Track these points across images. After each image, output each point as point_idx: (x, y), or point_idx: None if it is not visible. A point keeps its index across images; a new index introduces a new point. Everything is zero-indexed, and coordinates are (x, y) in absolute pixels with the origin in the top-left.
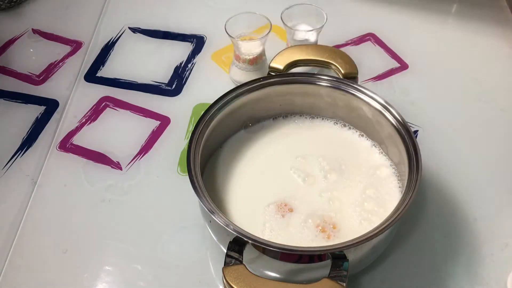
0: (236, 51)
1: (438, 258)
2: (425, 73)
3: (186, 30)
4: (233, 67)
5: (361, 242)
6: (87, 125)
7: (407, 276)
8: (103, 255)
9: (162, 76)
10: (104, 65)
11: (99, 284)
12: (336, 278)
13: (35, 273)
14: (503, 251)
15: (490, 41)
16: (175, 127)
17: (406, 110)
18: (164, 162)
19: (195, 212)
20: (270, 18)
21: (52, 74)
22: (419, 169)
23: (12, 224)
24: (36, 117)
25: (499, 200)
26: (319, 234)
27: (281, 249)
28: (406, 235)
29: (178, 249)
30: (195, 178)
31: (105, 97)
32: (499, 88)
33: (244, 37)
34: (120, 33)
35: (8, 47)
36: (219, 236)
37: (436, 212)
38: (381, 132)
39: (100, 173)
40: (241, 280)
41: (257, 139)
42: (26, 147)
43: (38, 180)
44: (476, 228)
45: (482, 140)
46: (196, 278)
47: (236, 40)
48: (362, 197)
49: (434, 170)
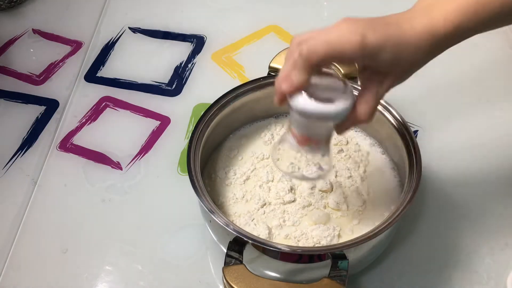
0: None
1: (438, 258)
2: (425, 73)
3: (186, 30)
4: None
5: (361, 242)
6: (87, 125)
7: (407, 276)
8: (103, 255)
9: (162, 76)
10: (104, 65)
11: (99, 284)
12: (336, 278)
13: (35, 273)
14: (503, 251)
15: (490, 41)
16: (175, 127)
17: (406, 110)
18: (164, 162)
19: (195, 212)
20: (270, 18)
21: (52, 74)
22: (419, 169)
23: (12, 224)
24: (36, 117)
25: (499, 200)
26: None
27: (281, 249)
28: (406, 235)
29: (178, 249)
30: (195, 178)
31: (105, 97)
32: (499, 88)
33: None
34: (120, 33)
35: (8, 47)
36: (219, 236)
37: (436, 212)
38: (381, 132)
39: (100, 173)
40: (241, 280)
41: (257, 138)
42: (26, 147)
43: (38, 180)
44: (476, 228)
45: (482, 140)
46: (196, 278)
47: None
48: (361, 197)
49: (434, 170)
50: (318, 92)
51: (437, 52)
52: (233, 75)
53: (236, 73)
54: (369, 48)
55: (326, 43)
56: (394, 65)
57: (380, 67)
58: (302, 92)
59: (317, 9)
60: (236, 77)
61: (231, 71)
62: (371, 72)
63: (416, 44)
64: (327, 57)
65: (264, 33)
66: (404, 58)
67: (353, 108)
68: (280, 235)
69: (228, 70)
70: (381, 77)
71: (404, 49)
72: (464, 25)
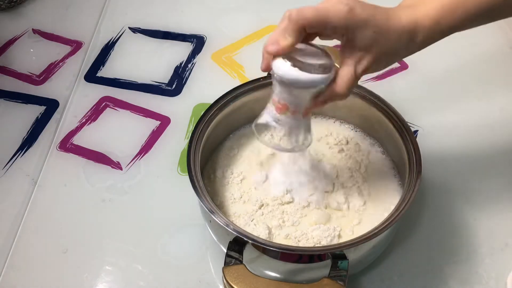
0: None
1: (438, 258)
2: (425, 73)
3: (186, 30)
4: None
5: (361, 242)
6: (87, 125)
7: (407, 276)
8: (103, 255)
9: (162, 76)
10: (104, 65)
11: (99, 284)
12: (336, 278)
13: (35, 273)
14: (503, 251)
15: (490, 41)
16: (175, 127)
17: (406, 110)
18: (164, 162)
19: (195, 212)
20: (269, 18)
21: (52, 74)
22: (419, 169)
23: (12, 224)
24: (36, 117)
25: (499, 200)
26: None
27: (281, 249)
28: (406, 235)
29: (178, 249)
30: (195, 178)
31: (105, 97)
32: (499, 88)
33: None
34: (120, 33)
35: (8, 47)
36: (219, 236)
37: (436, 212)
38: (381, 132)
39: (100, 173)
40: (241, 280)
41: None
42: (26, 147)
43: (38, 180)
44: (476, 228)
45: (482, 140)
46: (196, 278)
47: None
48: (362, 197)
49: (434, 170)
50: (300, 61)
51: (415, 45)
52: (233, 75)
53: (236, 73)
54: (354, 19)
55: (314, 9)
56: (373, 45)
57: (361, 43)
58: (285, 59)
59: None
60: (236, 77)
61: (231, 71)
62: (352, 49)
63: (399, 31)
64: (314, 22)
65: (264, 33)
66: (384, 40)
67: (332, 82)
68: (280, 235)
69: (228, 70)
70: (361, 55)
71: (386, 31)
72: (443, 21)
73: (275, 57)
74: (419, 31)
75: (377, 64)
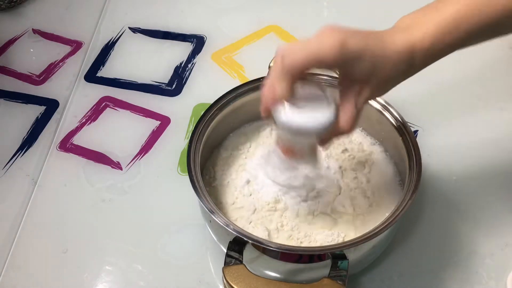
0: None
1: (438, 258)
2: (425, 73)
3: (186, 30)
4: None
5: (361, 242)
6: (87, 125)
7: (407, 276)
8: (103, 255)
9: (162, 76)
10: (104, 65)
11: (99, 284)
12: (336, 278)
13: (35, 273)
14: (503, 251)
15: (490, 41)
16: (175, 127)
17: (406, 110)
18: (164, 162)
19: (195, 212)
20: (269, 18)
21: (52, 74)
22: (419, 169)
23: (12, 224)
24: (36, 117)
25: (499, 200)
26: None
27: (281, 249)
28: (406, 235)
29: (178, 249)
30: (195, 178)
31: (105, 97)
32: (499, 88)
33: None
34: (120, 33)
35: (8, 47)
36: (219, 236)
37: (436, 212)
38: (381, 132)
39: (100, 173)
40: (241, 280)
41: (257, 138)
42: (26, 147)
43: (38, 180)
44: (476, 228)
45: (482, 140)
46: (196, 278)
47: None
48: (369, 199)
49: (434, 170)
50: (301, 105)
51: (413, 69)
52: (233, 75)
53: (236, 73)
54: (348, 54)
55: (305, 52)
56: (372, 75)
57: (358, 76)
58: (285, 106)
59: (317, 9)
60: (236, 77)
61: (231, 71)
62: (350, 82)
63: (395, 58)
64: (307, 65)
65: (264, 33)
66: (382, 70)
67: (335, 121)
68: (279, 238)
69: (228, 70)
70: (360, 87)
71: (382, 61)
72: (440, 42)
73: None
74: (416, 55)
75: (378, 92)
